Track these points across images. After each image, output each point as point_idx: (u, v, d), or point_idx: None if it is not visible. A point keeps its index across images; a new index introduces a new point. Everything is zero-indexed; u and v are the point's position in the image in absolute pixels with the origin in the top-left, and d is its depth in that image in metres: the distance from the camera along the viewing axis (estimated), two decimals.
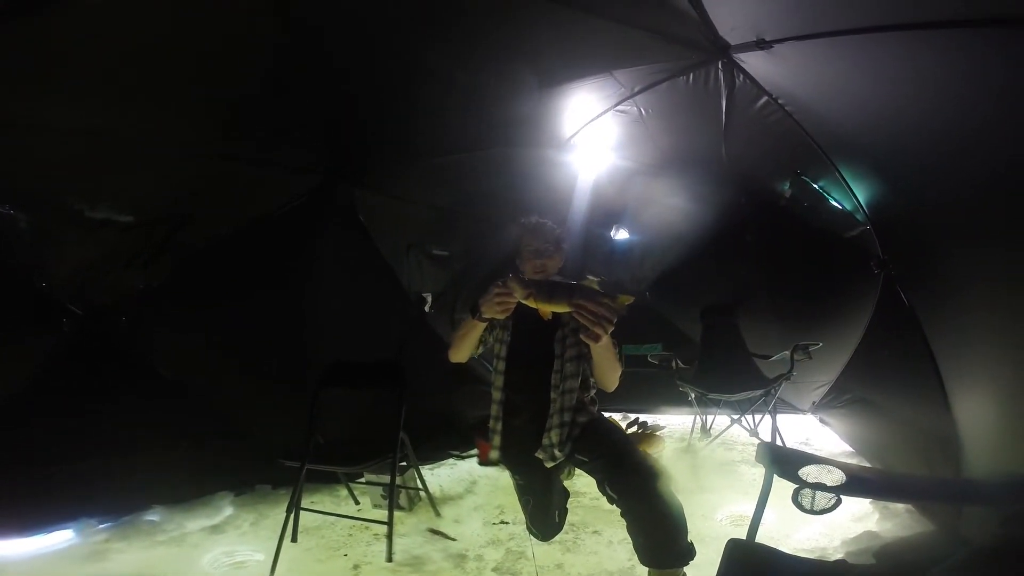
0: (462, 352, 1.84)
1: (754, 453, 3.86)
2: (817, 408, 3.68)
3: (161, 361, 2.83)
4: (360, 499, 2.91)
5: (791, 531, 2.34)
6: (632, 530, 1.63)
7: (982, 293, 1.75)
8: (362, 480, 2.87)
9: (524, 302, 1.51)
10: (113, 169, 2.29)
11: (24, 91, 1.87)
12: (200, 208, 2.65)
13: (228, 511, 2.73)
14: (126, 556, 2.30)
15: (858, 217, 2.72)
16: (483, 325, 1.72)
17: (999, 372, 1.74)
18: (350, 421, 3.00)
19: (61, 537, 2.39)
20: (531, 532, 2.03)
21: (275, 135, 2.57)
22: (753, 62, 2.04)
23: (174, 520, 2.57)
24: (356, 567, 2.28)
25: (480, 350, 1.88)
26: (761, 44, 1.79)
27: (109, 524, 2.50)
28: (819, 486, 1.28)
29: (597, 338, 1.46)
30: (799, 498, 1.36)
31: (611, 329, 1.45)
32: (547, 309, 1.50)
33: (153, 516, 2.58)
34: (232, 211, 2.85)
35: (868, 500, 2.39)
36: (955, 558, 1.12)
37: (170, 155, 2.38)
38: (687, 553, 1.59)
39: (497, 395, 1.88)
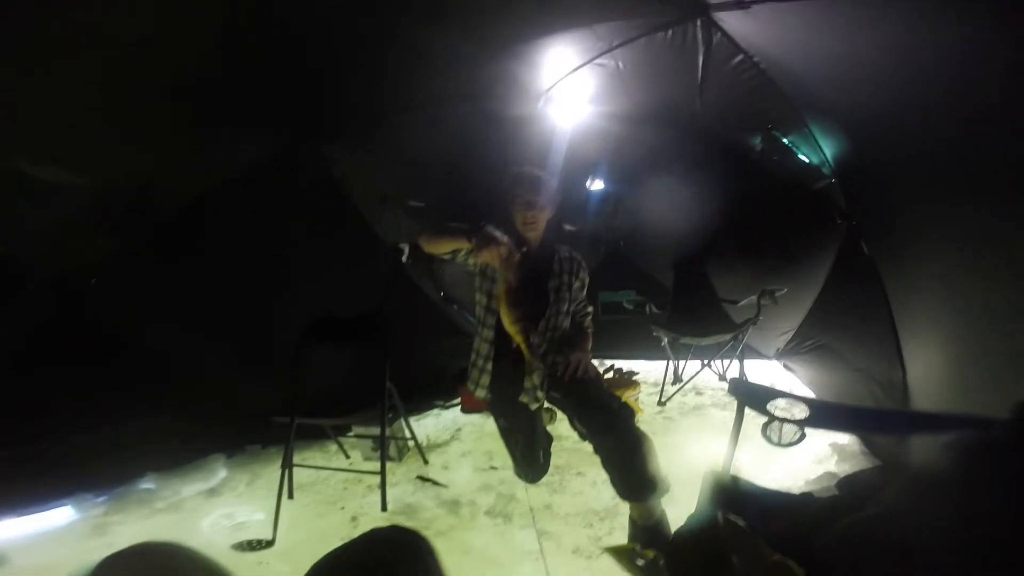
0: (434, 247, 1.85)
1: (723, 397, 4.05)
2: (781, 354, 3.88)
3: (137, 328, 2.76)
4: (350, 453, 2.98)
5: (759, 473, 2.50)
6: (605, 465, 1.69)
7: (935, 247, 1.88)
8: (351, 434, 2.90)
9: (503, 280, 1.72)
10: (71, 132, 2.15)
11: None
12: (166, 171, 2.53)
13: (222, 473, 2.76)
14: (127, 528, 2.31)
15: (824, 171, 2.81)
16: (465, 244, 1.73)
17: (944, 321, 1.90)
18: (335, 376, 3.02)
19: (61, 515, 2.38)
20: (519, 475, 2.14)
21: (241, 95, 2.44)
22: (731, 21, 2.04)
23: (169, 487, 2.58)
24: (354, 519, 2.36)
25: (449, 258, 1.87)
26: (740, 4, 1.78)
27: (106, 497, 2.50)
28: (787, 419, 1.38)
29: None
30: (767, 432, 1.49)
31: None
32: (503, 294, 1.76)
33: (148, 484, 2.59)
34: (200, 173, 2.72)
35: (827, 444, 2.60)
36: (901, 482, 1.25)
37: (131, 116, 2.23)
38: (659, 484, 1.65)
39: (487, 336, 1.92)
